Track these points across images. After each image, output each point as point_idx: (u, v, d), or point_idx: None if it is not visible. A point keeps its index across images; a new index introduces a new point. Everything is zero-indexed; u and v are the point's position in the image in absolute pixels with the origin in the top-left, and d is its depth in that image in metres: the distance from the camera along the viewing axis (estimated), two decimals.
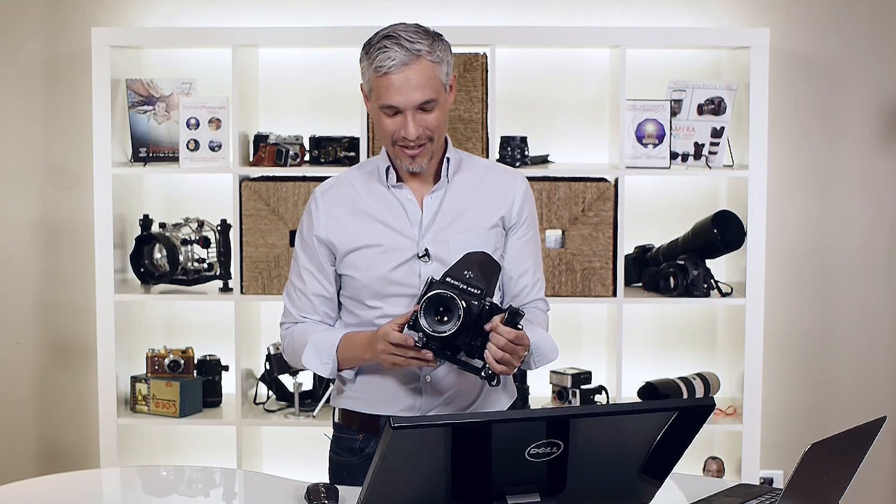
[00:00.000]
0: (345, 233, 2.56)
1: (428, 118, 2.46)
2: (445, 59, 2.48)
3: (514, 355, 2.35)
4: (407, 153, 2.49)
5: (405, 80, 2.42)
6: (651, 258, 4.06)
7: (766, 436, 4.05)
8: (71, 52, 4.18)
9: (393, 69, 2.41)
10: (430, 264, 2.51)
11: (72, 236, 4.25)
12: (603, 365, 4.14)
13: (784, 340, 4.21)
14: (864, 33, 4.14)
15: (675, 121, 3.93)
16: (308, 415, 3.98)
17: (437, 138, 2.50)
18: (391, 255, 2.53)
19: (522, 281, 2.62)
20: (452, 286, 2.34)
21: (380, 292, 2.53)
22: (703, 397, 3.88)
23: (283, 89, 4.18)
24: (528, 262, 2.62)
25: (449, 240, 2.53)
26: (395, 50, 2.41)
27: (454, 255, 2.49)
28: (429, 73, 2.43)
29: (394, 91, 2.42)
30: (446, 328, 2.31)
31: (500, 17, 4.13)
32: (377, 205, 2.56)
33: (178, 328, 4.25)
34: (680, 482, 2.43)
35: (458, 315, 2.30)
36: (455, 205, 2.56)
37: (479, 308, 2.34)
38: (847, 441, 2.08)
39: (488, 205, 2.57)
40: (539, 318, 2.62)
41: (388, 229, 2.54)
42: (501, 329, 2.33)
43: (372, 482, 1.95)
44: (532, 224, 2.63)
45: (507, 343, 2.33)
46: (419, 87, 2.42)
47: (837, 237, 4.19)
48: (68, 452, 4.32)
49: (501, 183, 2.60)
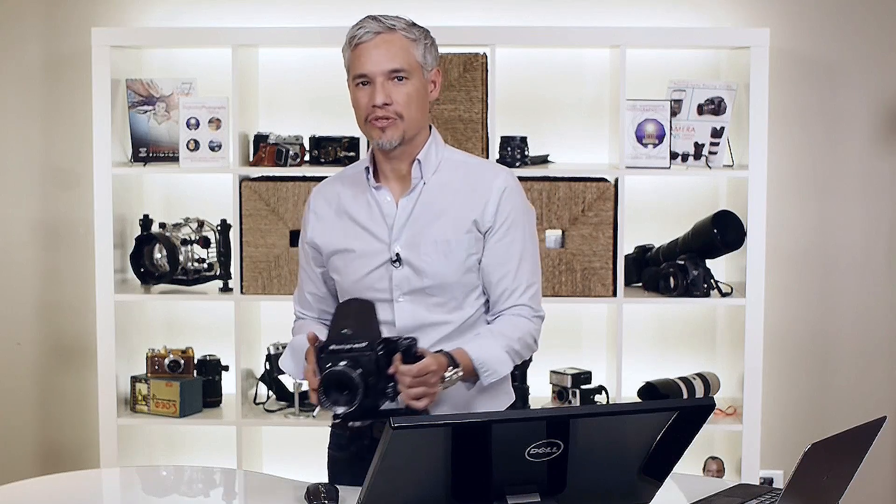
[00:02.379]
0: (328, 235, 2.57)
1: (398, 90, 2.45)
2: (423, 42, 2.49)
3: (428, 385, 2.32)
4: (376, 125, 2.47)
5: (375, 47, 2.45)
6: (651, 258, 4.06)
7: (766, 436, 4.05)
8: (71, 52, 4.18)
9: (366, 38, 2.46)
10: (401, 269, 2.49)
11: (72, 236, 4.25)
12: (603, 365, 4.14)
13: (784, 340, 4.21)
14: (864, 33, 4.14)
15: (675, 121, 3.93)
16: (308, 415, 3.98)
17: (407, 117, 2.46)
18: (366, 259, 2.52)
19: (501, 286, 2.53)
20: (338, 355, 2.28)
21: (360, 296, 2.53)
22: (703, 397, 3.88)
23: (283, 89, 4.18)
24: (507, 266, 2.52)
25: (421, 245, 2.49)
26: (370, 23, 2.48)
27: (426, 262, 2.48)
28: (401, 45, 2.46)
29: (365, 59, 2.46)
30: (354, 403, 2.27)
31: (500, 17, 4.13)
32: (358, 206, 2.55)
33: (178, 328, 4.24)
34: (680, 482, 2.43)
35: (357, 384, 2.26)
36: (429, 207, 2.51)
37: (374, 360, 2.29)
38: (847, 441, 2.07)
39: (463, 207, 2.51)
40: (506, 329, 2.51)
41: (365, 232, 2.53)
42: (402, 369, 2.30)
43: (372, 482, 1.95)
44: (514, 226, 2.53)
45: (413, 380, 2.31)
46: (389, 55, 2.45)
47: (837, 237, 4.19)
48: (68, 452, 4.32)
49: (478, 183, 2.53)
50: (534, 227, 2.60)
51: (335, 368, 2.27)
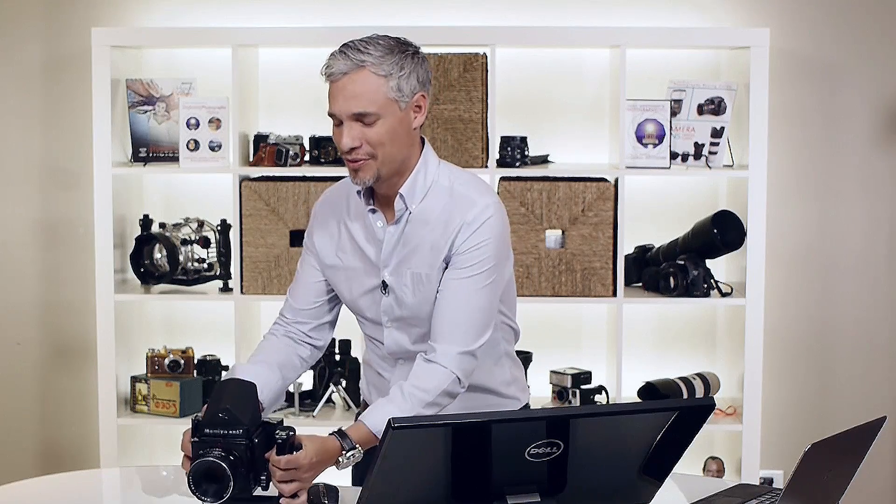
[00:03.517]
0: (328, 246, 2.53)
1: (369, 132, 2.33)
2: (398, 74, 2.33)
3: (299, 479, 2.23)
4: (350, 166, 2.38)
5: (342, 89, 2.34)
6: (651, 258, 4.06)
7: (766, 436, 4.05)
8: (71, 52, 4.18)
9: (333, 76, 2.36)
10: (387, 297, 2.46)
11: (72, 236, 4.25)
12: (603, 365, 4.14)
13: (784, 340, 4.21)
14: (864, 33, 4.14)
15: (675, 121, 3.93)
16: (308, 415, 3.98)
17: (382, 156, 2.34)
18: (361, 280, 2.49)
19: (437, 324, 2.38)
20: (212, 441, 2.19)
21: (356, 311, 2.54)
22: (703, 397, 3.88)
23: (283, 89, 4.18)
24: (451, 307, 2.37)
25: (403, 275, 2.44)
26: (339, 59, 2.36)
27: (405, 293, 2.43)
28: (368, 86, 2.32)
29: (332, 98, 2.37)
30: (224, 495, 2.17)
31: (500, 17, 4.13)
32: (358, 226, 2.50)
33: (178, 328, 4.24)
34: (680, 482, 2.43)
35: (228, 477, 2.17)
36: (412, 238, 2.42)
37: (248, 448, 2.19)
38: (847, 441, 2.07)
39: (440, 239, 2.40)
40: (420, 384, 2.35)
41: (360, 253, 2.49)
42: (273, 460, 2.22)
43: (372, 482, 1.95)
44: (476, 264, 2.37)
45: (284, 473, 2.21)
46: (354, 97, 2.32)
47: (837, 237, 4.19)
48: (68, 452, 4.32)
49: (454, 213, 2.39)
50: (501, 272, 2.42)
51: (206, 458, 2.17)
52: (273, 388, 2.49)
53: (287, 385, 2.56)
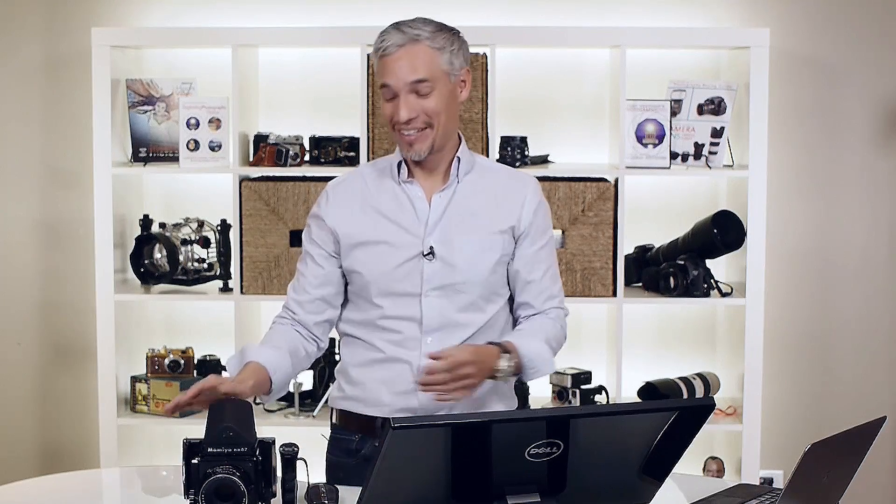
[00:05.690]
0: (352, 226, 2.55)
1: (425, 102, 2.46)
2: (449, 48, 2.50)
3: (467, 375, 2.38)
4: (405, 138, 2.49)
5: (398, 59, 2.45)
6: (651, 258, 4.06)
7: (766, 436, 4.05)
8: (71, 52, 4.18)
9: (389, 50, 2.46)
10: (433, 263, 2.51)
11: (72, 236, 4.25)
12: (603, 365, 4.14)
13: (784, 340, 4.21)
14: (864, 33, 4.14)
15: (675, 121, 3.94)
16: (308, 415, 3.99)
17: (437, 125, 2.48)
18: (397, 251, 2.52)
19: (531, 290, 2.60)
20: (218, 459, 2.18)
21: (385, 289, 2.53)
22: (703, 397, 3.89)
23: (283, 89, 4.18)
24: (539, 271, 2.60)
25: (455, 240, 2.52)
26: (393, 33, 2.48)
27: (458, 258, 2.49)
28: (424, 57, 2.46)
29: (388, 71, 2.46)
30: None
31: (500, 17, 4.13)
32: (386, 200, 2.56)
33: (178, 328, 4.24)
34: (680, 482, 2.43)
35: (242, 492, 2.17)
36: (464, 206, 2.55)
37: (255, 466, 2.20)
38: (847, 441, 2.08)
39: (498, 210, 2.56)
40: (545, 328, 2.59)
41: (394, 225, 2.53)
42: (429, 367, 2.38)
43: (372, 482, 1.95)
44: (545, 233, 2.62)
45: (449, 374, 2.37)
46: (411, 67, 2.45)
47: (837, 237, 4.19)
48: (68, 452, 4.32)
49: (513, 190, 2.60)
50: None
51: (218, 475, 2.17)
52: (285, 372, 2.52)
53: (295, 374, 2.58)
